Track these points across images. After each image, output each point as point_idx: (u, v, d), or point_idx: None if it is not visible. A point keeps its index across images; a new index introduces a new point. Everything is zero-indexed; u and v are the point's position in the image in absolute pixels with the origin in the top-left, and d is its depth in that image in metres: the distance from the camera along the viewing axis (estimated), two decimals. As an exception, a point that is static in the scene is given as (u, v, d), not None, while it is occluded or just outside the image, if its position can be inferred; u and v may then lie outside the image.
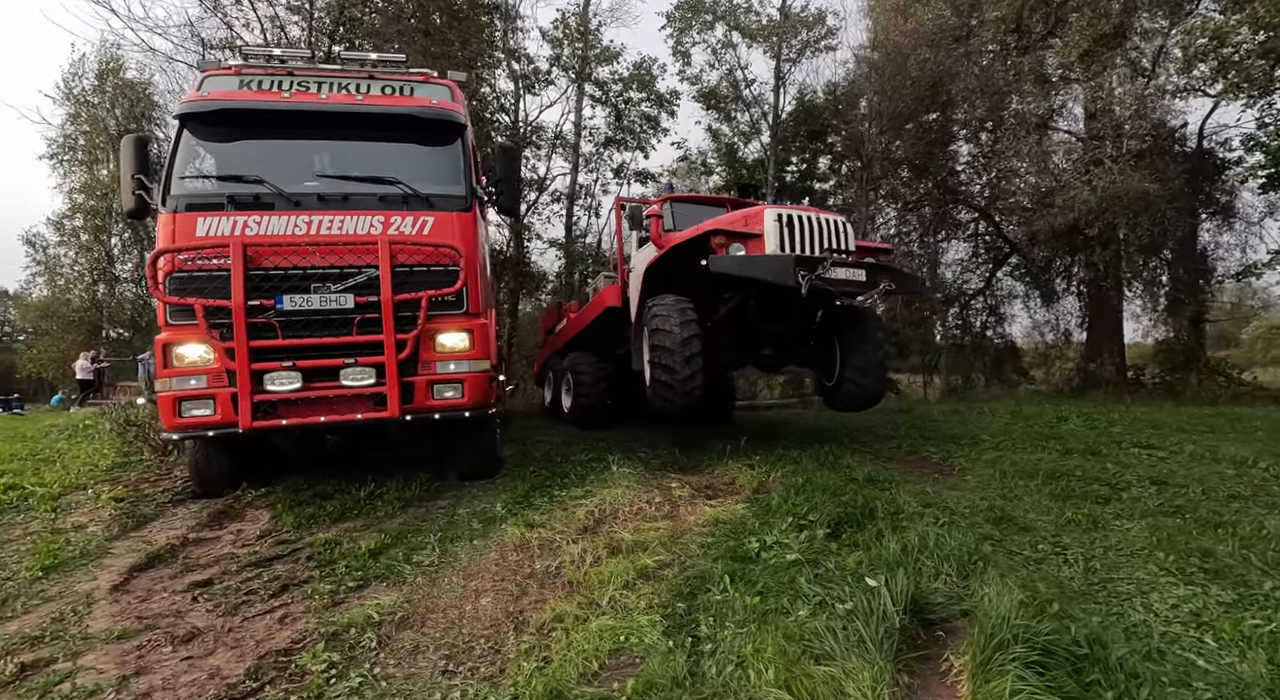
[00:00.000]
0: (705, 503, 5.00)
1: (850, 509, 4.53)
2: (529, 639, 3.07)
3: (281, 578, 3.61)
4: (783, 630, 2.98)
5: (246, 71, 5.27)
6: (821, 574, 3.66)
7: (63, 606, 3.17)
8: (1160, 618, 3.16)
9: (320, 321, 4.64)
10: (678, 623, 3.20)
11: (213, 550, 4.06)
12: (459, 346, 5.00)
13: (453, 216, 5.08)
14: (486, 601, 3.44)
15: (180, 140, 4.89)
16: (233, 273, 4.43)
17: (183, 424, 4.49)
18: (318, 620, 3.15)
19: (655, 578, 3.72)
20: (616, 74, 16.04)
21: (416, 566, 3.81)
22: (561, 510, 4.69)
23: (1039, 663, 2.51)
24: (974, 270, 23.67)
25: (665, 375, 6.14)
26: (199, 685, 2.56)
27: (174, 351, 4.52)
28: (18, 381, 26.98)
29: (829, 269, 5.64)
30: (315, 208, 4.81)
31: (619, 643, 3.01)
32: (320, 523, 4.49)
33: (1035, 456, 6.21)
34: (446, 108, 5.39)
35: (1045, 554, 4.03)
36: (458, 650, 2.99)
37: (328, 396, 4.64)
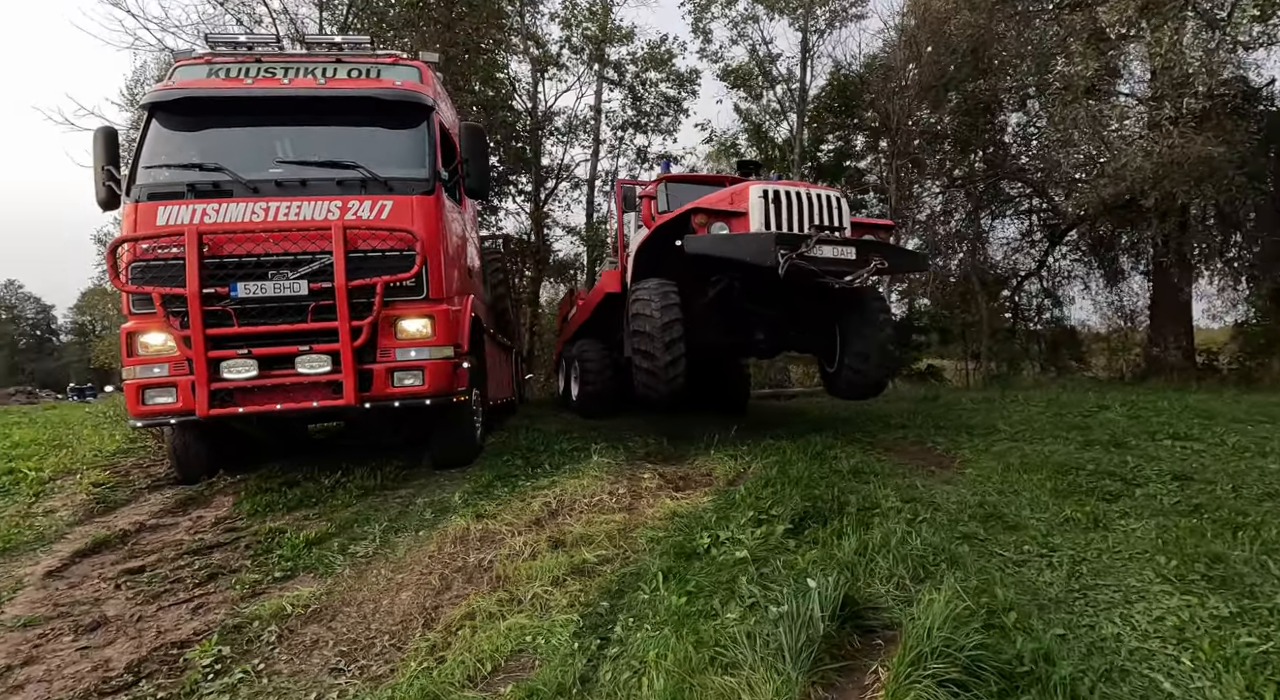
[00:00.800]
0: (671, 495, 4.76)
1: (820, 503, 4.22)
2: (434, 636, 2.93)
3: (213, 566, 3.59)
4: (698, 635, 2.74)
5: (216, 60, 5.27)
6: (767, 573, 3.38)
7: (-7, 589, 3.23)
8: (1138, 632, 2.76)
9: (275, 309, 4.62)
10: (594, 623, 3.00)
11: (165, 536, 4.10)
12: (420, 333, 4.90)
13: (412, 200, 4.96)
14: (406, 596, 3.32)
15: (148, 130, 4.94)
16: (187, 261, 4.45)
17: (146, 411, 4.56)
18: (229, 611, 3.10)
19: (591, 573, 3.53)
20: (633, 54, 15.69)
21: (350, 557, 3.74)
22: (519, 501, 4.55)
23: (957, 681, 2.20)
24: (1026, 250, 22.29)
25: (646, 362, 5.91)
26: (78, 677, 2.53)
27: (137, 340, 4.58)
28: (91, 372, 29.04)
29: (813, 247, 5.27)
30: (274, 194, 4.78)
31: (523, 643, 2.84)
32: (275, 511, 4.49)
33: (1050, 448, 5.68)
34: (411, 89, 5.27)
35: (1029, 555, 3.63)
36: (358, 647, 2.88)
37: (284, 384, 4.62)
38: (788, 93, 17.11)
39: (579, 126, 16.01)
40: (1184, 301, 15.24)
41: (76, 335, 53.74)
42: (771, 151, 18.70)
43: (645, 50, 15.81)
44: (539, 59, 14.69)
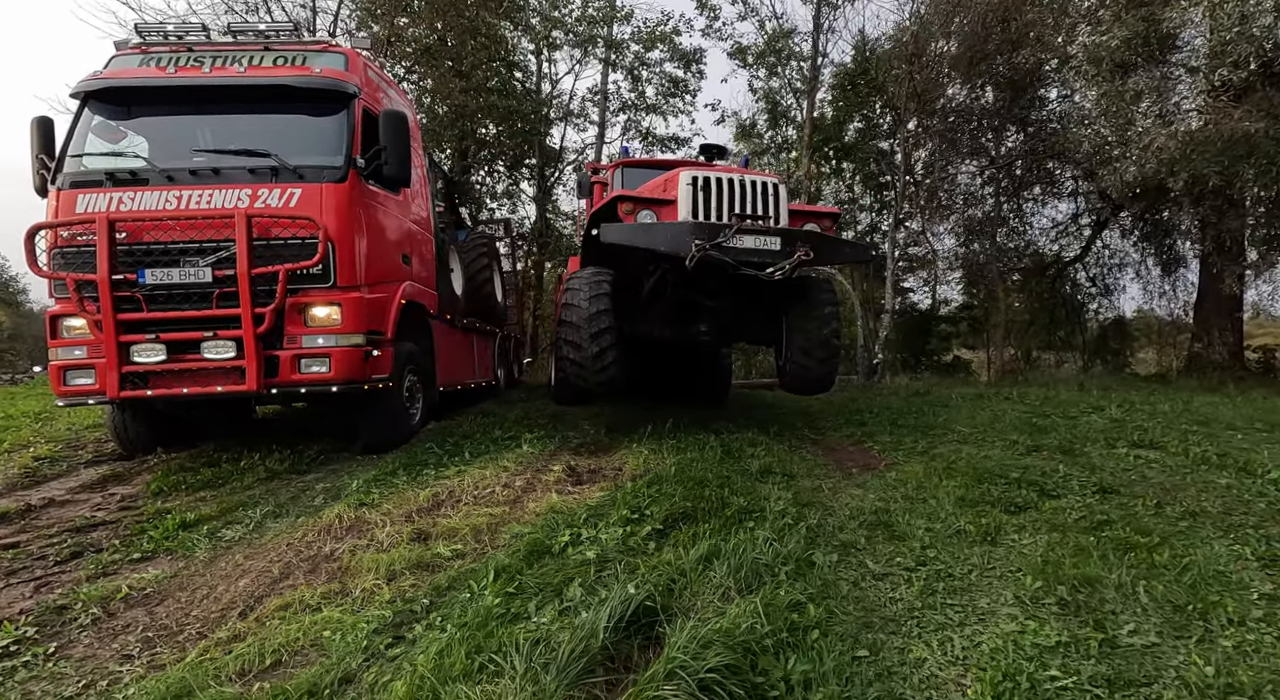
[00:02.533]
0: (565, 490, 4.69)
1: (700, 504, 4.08)
2: (240, 626, 2.96)
3: (83, 544, 3.74)
4: (479, 641, 2.68)
5: (151, 50, 5.39)
6: (604, 576, 3.29)
7: None
8: (947, 657, 2.56)
9: (182, 295, 4.74)
10: (400, 621, 2.97)
11: (64, 513, 4.29)
12: (328, 320, 4.95)
13: (322, 188, 4.99)
14: (243, 583, 3.37)
15: (78, 118, 5.11)
16: (98, 248, 4.60)
17: (68, 392, 4.77)
18: (65, 591, 3.22)
19: (433, 569, 3.50)
20: (635, 33, 15.26)
21: (216, 541, 3.83)
22: (411, 490, 4.56)
23: (680, 706, 2.08)
24: (1071, 234, 20.92)
25: (573, 353, 5.82)
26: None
27: (61, 324, 4.79)
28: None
29: (732, 237, 5.05)
30: (189, 183, 4.88)
31: (318, 638, 2.83)
32: (178, 491, 4.64)
33: (987, 453, 5.33)
34: (330, 76, 5.27)
35: (895, 569, 3.42)
36: (164, 633, 2.93)
37: (191, 369, 4.75)
38: (799, 71, 16.43)
39: (580, 109, 15.85)
40: (1230, 294, 14.00)
41: None
42: (792, 132, 18.08)
43: (645, 30, 15.42)
44: (540, 37, 14.52)
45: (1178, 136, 9.50)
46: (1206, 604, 2.74)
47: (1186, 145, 9.58)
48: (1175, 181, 10.15)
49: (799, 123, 18.09)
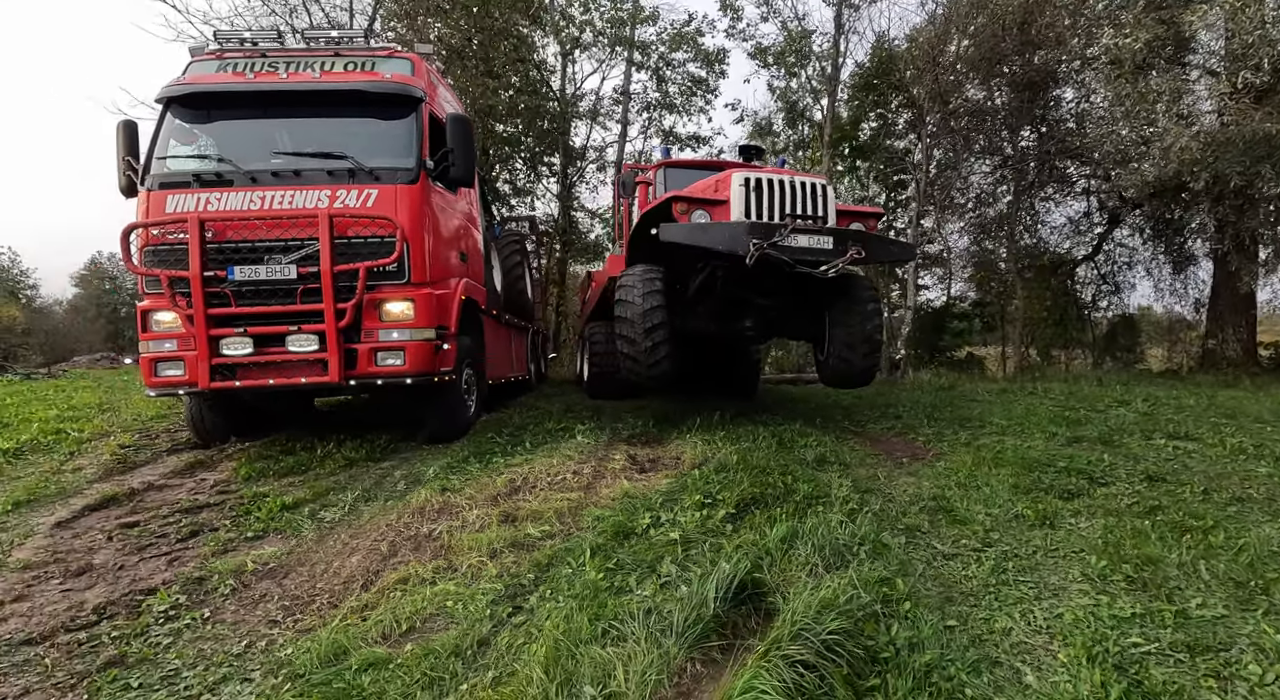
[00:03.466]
0: (633, 476, 4.93)
1: (768, 490, 4.32)
2: (367, 597, 3.21)
3: (197, 524, 3.99)
4: (598, 610, 2.92)
5: (226, 55, 5.63)
6: (691, 554, 3.54)
7: (3, 538, 3.70)
8: (1030, 626, 2.79)
9: (268, 291, 4.98)
10: (513, 593, 3.22)
11: (167, 496, 4.54)
12: (402, 315, 5.19)
13: (397, 189, 5.22)
14: (355, 559, 3.62)
15: (162, 122, 5.35)
16: (190, 246, 4.84)
17: (159, 383, 5.02)
18: (197, 565, 3.47)
19: (529, 548, 3.74)
20: (659, 35, 15.47)
21: (318, 522, 4.08)
22: (486, 477, 4.80)
23: (804, 663, 2.31)
24: (1083, 233, 21.09)
25: (628, 347, 6.05)
26: (53, 614, 2.92)
27: (151, 318, 5.04)
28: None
29: (787, 236, 5.27)
30: (270, 184, 5.12)
31: (442, 608, 3.08)
32: (266, 476, 4.89)
33: (1030, 443, 5.55)
34: (400, 81, 5.50)
35: (963, 550, 3.66)
36: (299, 602, 3.19)
37: (276, 361, 4.99)
38: (820, 71, 16.61)
39: (606, 110, 16.06)
40: (1246, 292, 14.21)
41: None
42: (808, 131, 18.26)
43: (670, 30, 15.63)
44: (564, 40, 14.76)
45: (1200, 137, 9.69)
46: (1267, 580, 2.97)
47: (1208, 146, 9.77)
48: (1197, 181, 10.34)
49: (815, 122, 18.27)
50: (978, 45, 15.61)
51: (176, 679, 2.52)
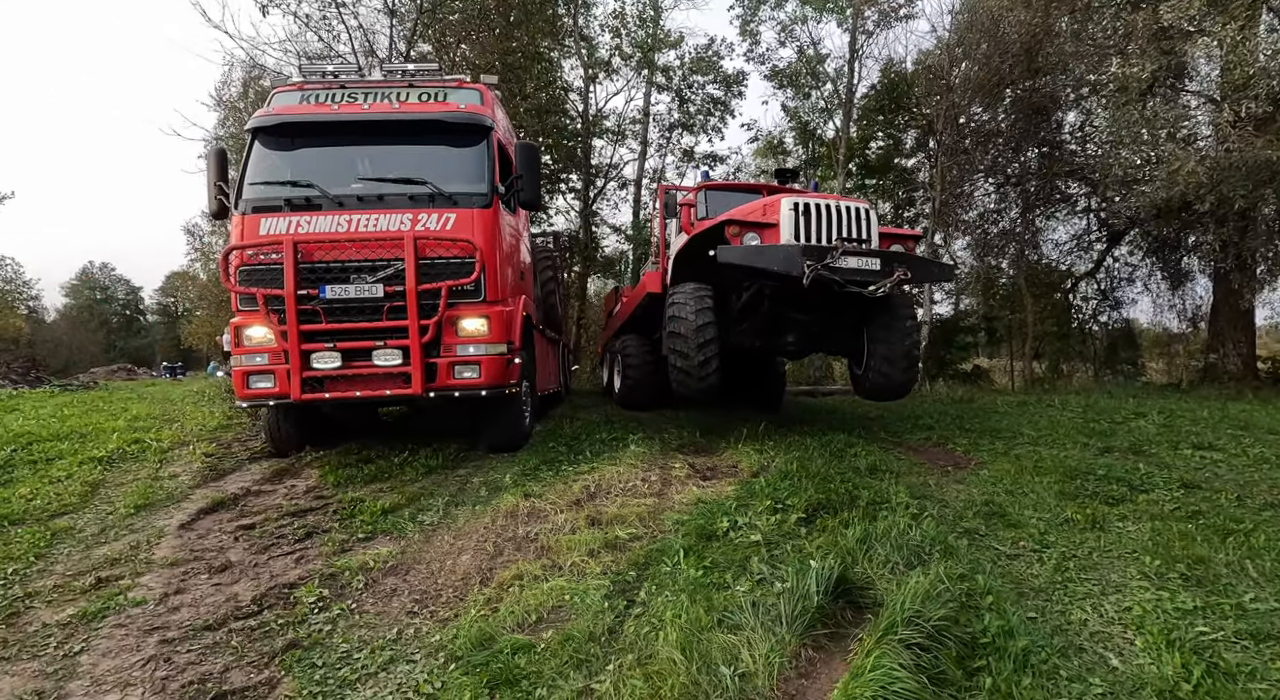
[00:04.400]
0: (698, 483, 5.24)
1: (832, 496, 4.63)
2: (488, 591, 3.52)
3: (308, 526, 4.29)
4: (710, 602, 3.24)
5: (307, 87, 5.99)
6: (777, 554, 3.85)
7: (139, 538, 3.99)
8: (1104, 618, 3.11)
9: (356, 308, 5.30)
10: (622, 588, 3.53)
11: (266, 501, 4.84)
12: (478, 331, 5.51)
13: (473, 213, 5.57)
14: (466, 558, 3.92)
15: (251, 150, 5.69)
16: (285, 266, 5.17)
17: (250, 394, 5.32)
18: (324, 563, 3.77)
19: (621, 548, 4.05)
20: (681, 59, 16.03)
21: (419, 525, 4.38)
22: (561, 484, 5.11)
23: (920, 645, 2.63)
24: (1084, 250, 21.66)
25: (680, 361, 6.38)
26: (216, 605, 3.22)
27: (243, 333, 5.34)
28: (181, 352, 31.55)
29: (838, 258, 5.63)
30: (355, 207, 5.46)
31: (563, 600, 3.39)
32: (355, 483, 5.19)
33: (1065, 453, 5.89)
34: (472, 111, 5.87)
35: (1023, 551, 3.98)
36: (428, 596, 3.49)
37: (363, 374, 5.30)
38: (835, 92, 17.15)
39: (627, 128, 16.53)
40: (1246, 308, 14.70)
41: (161, 316, 57.82)
42: (819, 150, 18.76)
43: (693, 54, 16.18)
44: (590, 63, 15.24)
45: (1206, 162, 10.16)
46: (1312, 577, 3.30)
47: (1214, 170, 10.23)
48: (1202, 203, 10.80)
49: (825, 141, 18.78)
50: (981, 68, 16.16)
51: (351, 660, 2.82)
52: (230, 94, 29.16)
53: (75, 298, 51.13)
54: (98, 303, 52.04)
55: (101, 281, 55.56)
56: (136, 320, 56.41)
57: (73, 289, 51.48)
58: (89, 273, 54.01)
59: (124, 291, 57.06)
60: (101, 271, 55.66)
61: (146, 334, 53.73)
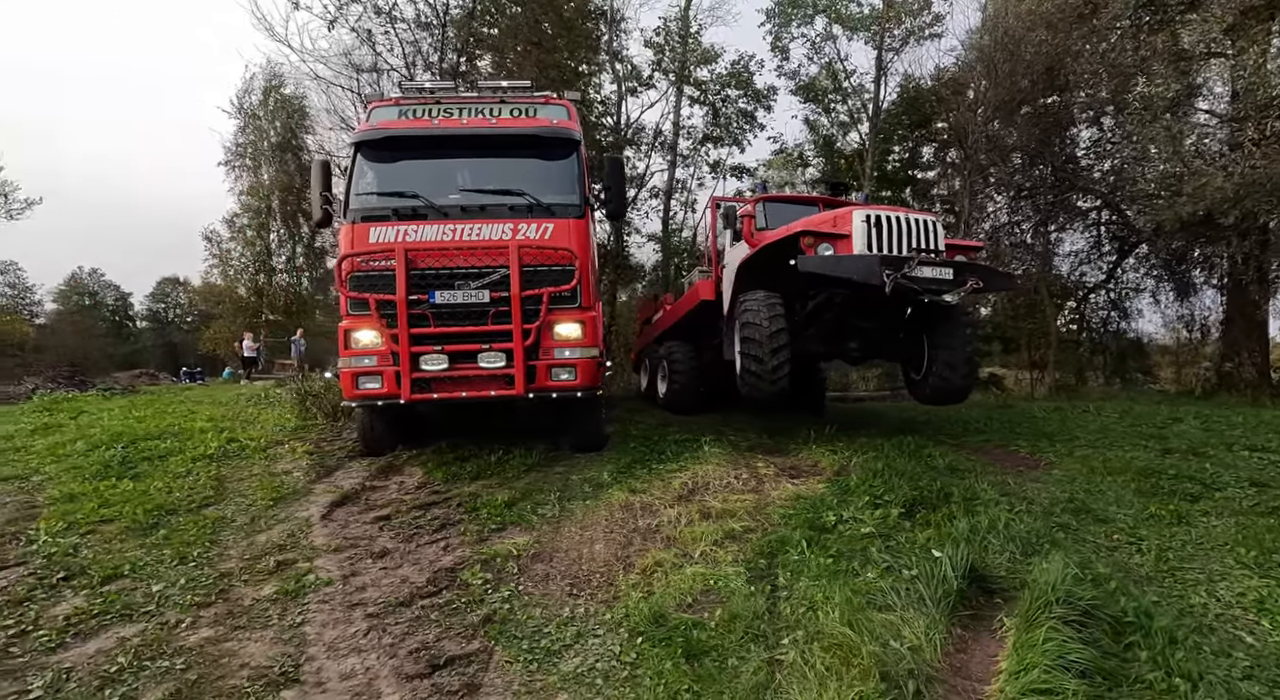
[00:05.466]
0: (788, 481, 5.50)
1: (925, 492, 4.89)
2: (635, 577, 3.76)
3: (439, 518, 4.52)
4: (850, 586, 3.49)
5: (403, 102, 6.27)
6: (892, 546, 4.11)
7: (291, 527, 4.22)
8: (1221, 602, 3.38)
9: (463, 313, 5.56)
10: (759, 574, 3.78)
11: (384, 495, 5.07)
12: (574, 335, 5.77)
13: (569, 222, 5.84)
14: (599, 547, 4.16)
15: (355, 163, 5.96)
16: (397, 273, 5.42)
17: (358, 394, 5.56)
18: (471, 550, 4.01)
19: (740, 539, 4.30)
20: (715, 74, 16.45)
21: (541, 517, 4.62)
22: (659, 481, 5.36)
23: (1078, 622, 2.89)
24: (1094, 262, 22.13)
25: (754, 365, 6.64)
26: (395, 586, 3.46)
27: (352, 336, 5.59)
28: (199, 358, 31.60)
29: (915, 268, 5.92)
30: (458, 217, 5.72)
31: (708, 585, 3.64)
32: (462, 479, 5.42)
33: (1130, 455, 6.17)
34: (564, 126, 6.16)
35: (1119, 543, 4.24)
36: (579, 581, 3.73)
37: (468, 376, 5.55)
38: (861, 106, 17.60)
39: (658, 140, 16.90)
40: (1260, 318, 15.10)
41: (152, 321, 57.56)
42: (838, 162, 19.16)
43: (728, 70, 16.61)
44: (624, 77, 15.63)
45: (1234, 178, 10.54)
46: (1401, 565, 3.58)
47: (1240, 186, 10.61)
48: (1227, 218, 11.18)
49: (845, 154, 19.20)
50: (1001, 86, 16.58)
51: (543, 633, 3.06)
52: (250, 102, 29.73)
53: (64, 303, 50.71)
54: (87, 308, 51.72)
55: (90, 286, 55.20)
56: (125, 326, 55.91)
57: (61, 294, 51.06)
58: (78, 278, 53.66)
59: (113, 297, 56.69)
60: (90, 277, 55.30)
61: (136, 340, 53.31)
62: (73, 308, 51.02)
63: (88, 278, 54.62)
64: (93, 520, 4.11)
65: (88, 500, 4.46)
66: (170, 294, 58.15)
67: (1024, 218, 21.05)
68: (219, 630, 2.89)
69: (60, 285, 51.66)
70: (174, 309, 58.93)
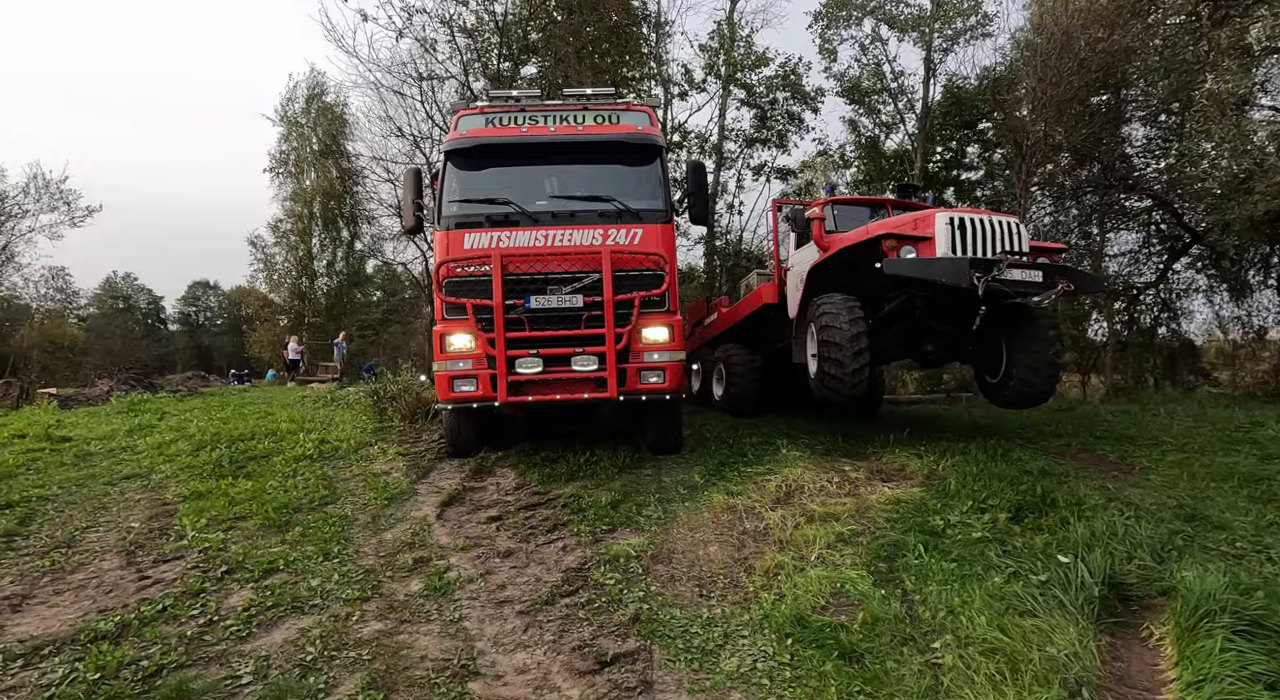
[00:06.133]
0: (881, 484, 5.49)
1: (1029, 497, 4.84)
2: (758, 579, 3.80)
3: (549, 519, 4.61)
4: (984, 590, 3.48)
5: (489, 110, 6.41)
6: (1009, 550, 4.08)
7: (412, 526, 4.35)
8: (1375, 613, 3.29)
9: (557, 317, 5.66)
10: (883, 578, 3.79)
11: (485, 496, 5.19)
12: (662, 339, 5.84)
13: (657, 228, 5.92)
14: (714, 549, 4.21)
15: (446, 171, 6.10)
16: (494, 278, 5.55)
17: (454, 397, 5.69)
18: (590, 551, 4.08)
19: (851, 542, 4.31)
20: (763, 77, 16.47)
21: (648, 519, 4.68)
22: (752, 483, 5.39)
23: (1247, 632, 2.85)
24: (1144, 262, 21.63)
25: (834, 369, 6.63)
26: (532, 585, 3.55)
27: (447, 340, 5.72)
28: (243, 360, 32.47)
29: (1004, 271, 5.87)
30: (549, 223, 5.83)
31: (837, 588, 3.66)
32: (558, 480, 5.51)
33: (1228, 460, 6.03)
34: (649, 132, 6.25)
35: (1244, 551, 4.15)
36: (704, 582, 3.78)
37: (561, 379, 5.65)
38: (909, 106, 17.49)
39: (706, 143, 16.95)
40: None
41: (183, 325, 58.98)
42: (881, 164, 19.02)
43: (779, 74, 16.62)
44: (672, 81, 15.77)
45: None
46: None
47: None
48: (1305, 215, 10.85)
49: (886, 155, 19.04)
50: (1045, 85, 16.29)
51: (691, 634, 3.12)
52: (294, 110, 30.52)
53: (100, 307, 52.23)
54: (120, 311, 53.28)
55: (124, 291, 56.79)
56: (157, 329, 57.44)
57: (96, 298, 52.56)
58: (112, 282, 55.29)
59: (145, 301, 58.32)
60: (124, 281, 56.92)
61: (168, 342, 54.71)
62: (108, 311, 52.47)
63: (121, 282, 56.25)
64: (228, 517, 4.28)
65: (215, 498, 4.65)
66: (201, 297, 59.63)
67: (1071, 218, 20.67)
68: (387, 624, 3.00)
69: (95, 289, 53.12)
70: (204, 312, 60.47)
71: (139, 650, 2.67)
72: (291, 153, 30.03)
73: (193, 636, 2.80)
